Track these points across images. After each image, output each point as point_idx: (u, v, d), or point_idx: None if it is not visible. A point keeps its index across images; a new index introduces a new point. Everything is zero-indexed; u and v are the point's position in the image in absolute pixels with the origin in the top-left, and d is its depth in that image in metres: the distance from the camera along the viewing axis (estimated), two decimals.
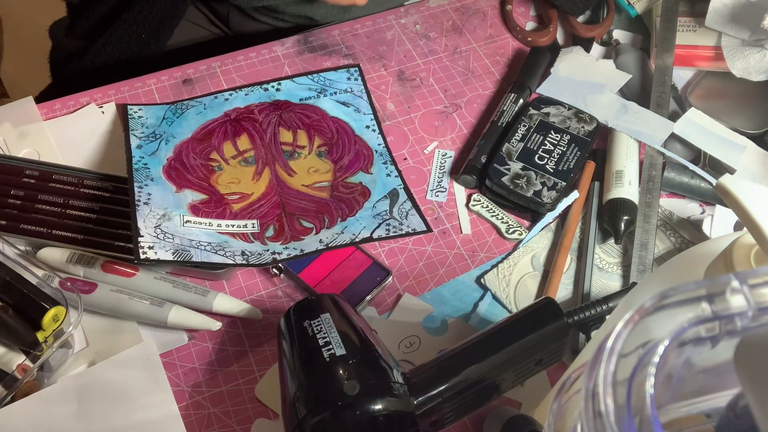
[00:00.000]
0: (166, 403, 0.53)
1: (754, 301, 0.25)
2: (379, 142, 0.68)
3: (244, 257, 0.58)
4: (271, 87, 0.71)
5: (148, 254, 0.55)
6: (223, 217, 0.61)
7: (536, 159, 0.65)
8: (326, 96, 0.70)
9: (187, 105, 0.69)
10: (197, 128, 0.67)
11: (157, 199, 0.60)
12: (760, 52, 0.69)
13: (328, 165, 0.66)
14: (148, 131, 0.66)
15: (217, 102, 0.69)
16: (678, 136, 0.67)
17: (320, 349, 0.46)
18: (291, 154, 0.66)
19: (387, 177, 0.65)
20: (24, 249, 0.60)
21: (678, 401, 0.28)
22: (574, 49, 0.74)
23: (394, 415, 0.44)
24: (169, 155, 0.65)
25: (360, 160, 0.66)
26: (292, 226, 0.61)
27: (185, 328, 0.57)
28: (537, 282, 0.62)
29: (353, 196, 0.64)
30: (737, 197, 0.33)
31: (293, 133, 0.68)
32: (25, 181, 0.62)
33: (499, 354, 0.48)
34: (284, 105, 0.70)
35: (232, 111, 0.69)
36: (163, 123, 0.67)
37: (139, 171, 0.62)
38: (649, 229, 0.63)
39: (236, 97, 0.70)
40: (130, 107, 0.68)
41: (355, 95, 0.71)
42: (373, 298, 0.60)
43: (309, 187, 0.64)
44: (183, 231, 0.59)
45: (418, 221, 0.62)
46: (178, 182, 0.63)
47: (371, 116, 0.69)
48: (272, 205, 0.63)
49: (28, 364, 0.52)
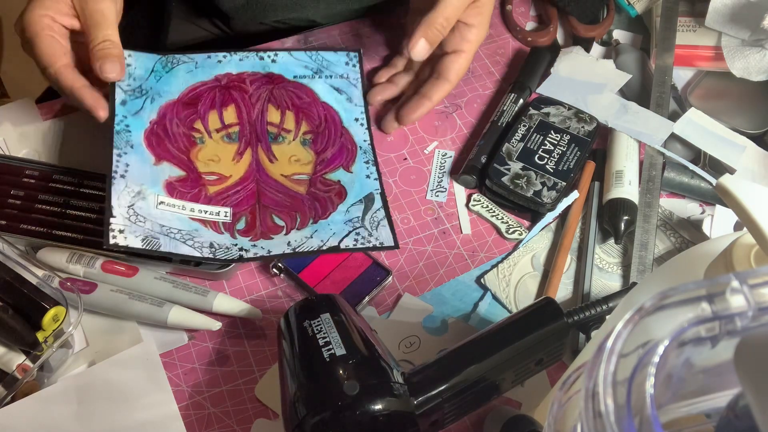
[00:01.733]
0: (166, 403, 0.53)
1: (754, 301, 0.25)
2: (365, 138, 0.67)
3: (212, 250, 0.58)
4: (267, 57, 0.69)
5: (117, 239, 0.55)
6: (198, 200, 0.61)
7: (536, 159, 0.65)
8: (321, 78, 0.69)
9: (179, 60, 0.67)
10: (185, 89, 0.66)
11: (134, 171, 0.60)
12: (760, 52, 0.69)
13: (311, 156, 0.65)
14: (135, 84, 0.64)
15: (209, 62, 0.68)
16: (678, 136, 0.67)
17: (320, 349, 0.46)
18: (276, 137, 0.65)
19: (366, 178, 0.64)
20: (24, 249, 0.60)
21: (678, 401, 0.28)
22: (574, 49, 0.74)
23: (394, 415, 0.45)
24: (153, 117, 0.63)
25: (343, 155, 0.65)
26: (264, 222, 0.61)
27: (185, 328, 0.57)
28: (537, 282, 0.62)
29: (329, 195, 0.63)
30: (737, 197, 0.33)
31: (282, 113, 0.67)
32: (25, 181, 0.62)
33: (499, 354, 0.48)
34: (277, 79, 0.68)
35: (223, 76, 0.67)
36: (151, 77, 0.65)
37: (120, 135, 0.61)
38: (649, 229, 0.63)
39: (230, 61, 0.68)
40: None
41: (350, 83, 0.69)
42: (373, 298, 0.60)
43: (288, 179, 0.63)
44: (155, 214, 0.58)
45: (387, 234, 0.61)
46: (157, 152, 0.62)
47: (362, 109, 0.68)
48: (248, 193, 0.62)
49: (28, 364, 0.52)
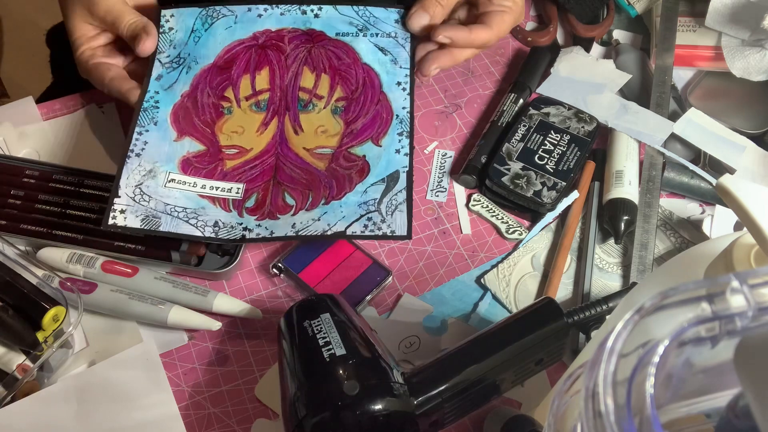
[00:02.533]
0: (166, 403, 0.53)
1: (754, 301, 0.25)
2: (404, 105, 0.63)
3: (215, 229, 0.57)
4: (309, 11, 0.67)
5: (117, 219, 0.55)
6: (212, 176, 0.60)
7: (536, 159, 0.65)
8: (366, 36, 0.66)
9: (219, 13, 0.66)
10: (221, 51, 0.65)
11: (151, 149, 0.60)
12: (760, 52, 0.69)
13: (339, 126, 0.62)
14: (174, 53, 0.64)
15: (249, 17, 0.66)
16: (678, 136, 0.67)
17: (320, 349, 0.46)
18: (306, 105, 0.63)
19: (395, 153, 0.60)
20: (24, 249, 0.60)
21: (678, 401, 0.28)
22: (574, 49, 0.74)
23: (394, 415, 0.45)
24: (185, 90, 0.63)
25: (375, 125, 0.62)
26: (275, 201, 0.59)
27: (185, 328, 0.57)
28: (537, 282, 0.62)
29: (349, 173, 0.60)
30: (737, 197, 0.33)
31: (316, 77, 0.64)
32: (25, 181, 0.62)
33: (499, 354, 0.48)
34: (318, 37, 0.66)
35: (261, 33, 0.66)
36: (191, 39, 0.65)
37: (146, 111, 0.61)
38: (649, 229, 0.63)
39: (270, 15, 0.66)
40: (163, 12, 0.66)
41: (398, 42, 0.65)
42: (373, 298, 0.60)
43: (309, 152, 0.61)
44: (162, 192, 0.58)
45: (402, 221, 0.57)
46: (181, 127, 0.62)
47: (407, 72, 0.64)
48: (266, 167, 0.61)
49: (28, 364, 0.52)
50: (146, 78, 0.63)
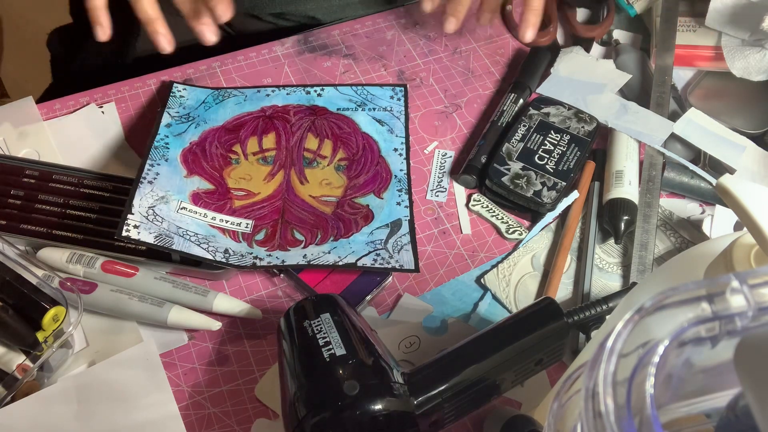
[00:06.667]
0: (166, 403, 0.53)
1: (754, 301, 0.25)
2: (401, 168, 0.66)
3: (226, 255, 0.58)
4: (313, 91, 0.71)
5: (130, 232, 0.56)
6: (221, 212, 0.61)
7: (536, 159, 0.65)
8: (364, 110, 0.70)
9: (230, 93, 0.70)
10: (231, 118, 0.68)
11: (162, 180, 0.61)
12: (760, 52, 0.69)
13: (343, 180, 0.65)
14: (183, 112, 0.67)
15: (258, 96, 0.70)
16: (678, 136, 0.67)
17: (320, 349, 0.46)
18: (310, 162, 0.66)
19: (396, 205, 0.64)
20: (24, 249, 0.60)
21: (678, 401, 0.28)
22: (574, 49, 0.74)
23: (394, 415, 0.45)
24: (194, 139, 0.66)
25: (376, 182, 0.65)
26: (284, 235, 0.61)
27: (185, 328, 0.57)
28: (537, 282, 0.62)
29: (355, 217, 0.63)
30: (737, 197, 0.33)
31: (320, 141, 0.68)
32: (25, 181, 0.62)
33: (499, 354, 0.48)
34: (320, 111, 0.70)
35: (269, 107, 0.69)
36: (201, 107, 0.68)
37: (157, 149, 0.63)
38: (649, 229, 0.63)
39: (278, 95, 0.70)
40: (175, 85, 0.69)
41: (393, 115, 0.70)
42: (373, 298, 0.60)
43: (316, 199, 0.64)
44: (175, 217, 0.59)
45: (409, 259, 0.60)
46: (191, 168, 0.64)
47: (402, 140, 0.68)
48: (273, 209, 0.62)
49: (28, 364, 0.52)
50: (155, 125, 0.65)
